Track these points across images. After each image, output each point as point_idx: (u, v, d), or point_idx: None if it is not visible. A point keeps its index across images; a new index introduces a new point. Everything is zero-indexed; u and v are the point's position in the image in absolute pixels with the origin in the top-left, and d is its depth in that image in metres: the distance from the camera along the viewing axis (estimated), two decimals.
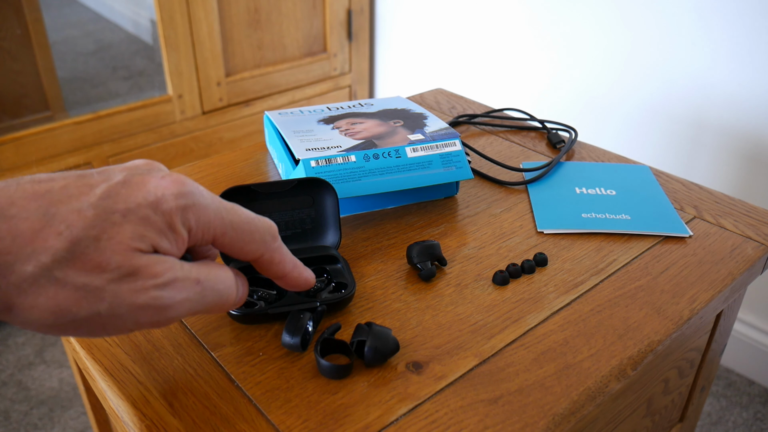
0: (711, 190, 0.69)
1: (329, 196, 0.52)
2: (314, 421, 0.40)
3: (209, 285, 0.35)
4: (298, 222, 0.52)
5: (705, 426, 1.36)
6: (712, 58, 1.31)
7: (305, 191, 0.51)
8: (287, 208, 0.51)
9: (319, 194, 0.52)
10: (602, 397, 0.43)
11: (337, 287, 0.49)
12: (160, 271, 0.32)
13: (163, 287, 0.32)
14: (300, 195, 0.51)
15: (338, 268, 0.51)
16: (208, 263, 0.36)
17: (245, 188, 0.49)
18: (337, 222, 0.53)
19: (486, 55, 1.76)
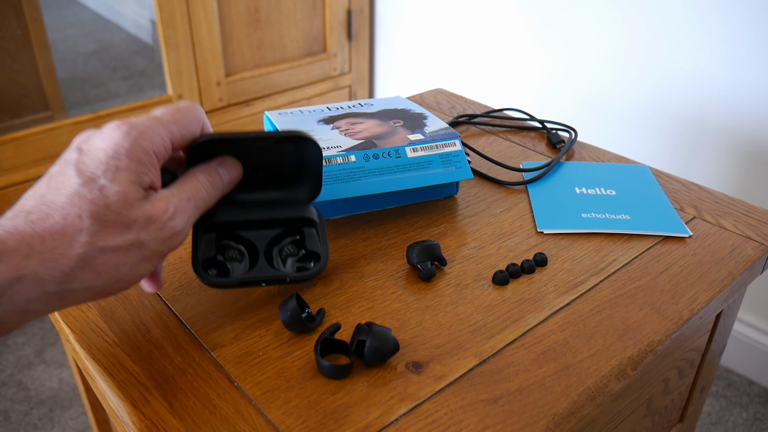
0: (711, 190, 0.69)
1: (311, 148, 0.45)
2: (314, 421, 0.40)
3: (197, 197, 0.41)
4: (275, 167, 0.47)
5: (705, 426, 1.36)
6: (712, 58, 1.31)
7: (287, 144, 0.45)
8: (266, 158, 0.46)
9: (301, 146, 0.45)
10: (602, 397, 0.43)
11: (307, 257, 0.46)
12: (165, 207, 0.38)
13: (174, 217, 0.39)
14: (281, 148, 0.46)
15: (312, 233, 0.46)
16: (187, 178, 0.42)
17: (221, 140, 0.43)
18: (318, 176, 0.47)
19: (486, 55, 1.76)
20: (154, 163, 0.39)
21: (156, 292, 0.50)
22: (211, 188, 0.42)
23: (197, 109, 0.42)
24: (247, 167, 0.45)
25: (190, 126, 0.41)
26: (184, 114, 0.41)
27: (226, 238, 0.45)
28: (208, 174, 0.43)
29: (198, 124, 0.42)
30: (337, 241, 0.58)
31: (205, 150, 0.43)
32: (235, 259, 0.45)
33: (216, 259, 0.45)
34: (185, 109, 0.41)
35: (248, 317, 0.48)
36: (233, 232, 0.45)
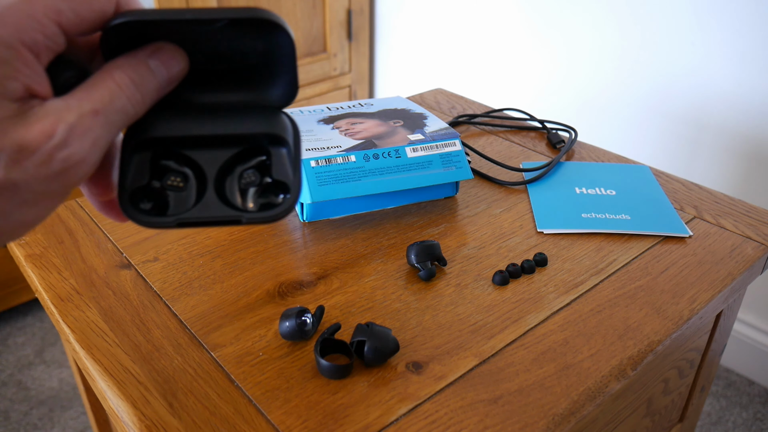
0: (711, 190, 0.69)
1: (278, 35, 0.31)
2: (314, 421, 0.40)
3: (111, 107, 0.28)
4: (236, 59, 0.33)
5: (705, 426, 1.36)
6: (712, 58, 1.31)
7: (244, 28, 0.31)
8: (221, 47, 0.33)
9: (265, 32, 0.32)
10: (602, 397, 0.43)
11: (274, 187, 0.33)
12: (49, 128, 0.26)
13: (67, 143, 0.26)
14: (239, 33, 0.32)
15: (281, 155, 0.33)
16: (97, 78, 0.29)
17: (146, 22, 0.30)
18: (292, 72, 0.33)
19: (486, 55, 1.76)
20: (28, 59, 0.26)
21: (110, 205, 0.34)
22: (135, 91, 0.29)
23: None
24: (196, 59, 0.33)
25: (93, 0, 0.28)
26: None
27: (165, 157, 0.33)
28: (133, 70, 0.29)
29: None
30: (337, 241, 0.58)
31: (130, 37, 0.30)
32: (176, 188, 0.32)
33: (150, 187, 0.32)
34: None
35: (248, 317, 0.48)
36: (175, 149, 0.33)
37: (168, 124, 0.33)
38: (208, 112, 0.33)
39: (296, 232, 0.60)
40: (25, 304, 1.67)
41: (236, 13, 0.30)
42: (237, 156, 0.33)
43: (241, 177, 0.33)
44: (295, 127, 0.34)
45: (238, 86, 0.34)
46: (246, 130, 0.33)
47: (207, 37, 0.31)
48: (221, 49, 0.32)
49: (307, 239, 0.59)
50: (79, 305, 0.50)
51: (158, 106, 0.32)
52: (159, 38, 0.31)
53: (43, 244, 0.58)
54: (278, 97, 0.34)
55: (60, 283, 0.53)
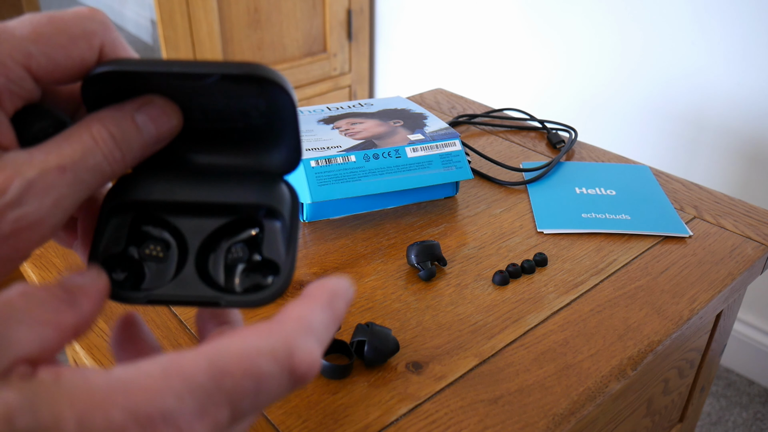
0: (711, 190, 0.69)
1: (277, 94, 0.27)
2: (314, 421, 0.40)
3: (81, 163, 0.24)
4: (235, 117, 0.29)
5: (705, 426, 1.36)
6: (712, 57, 1.31)
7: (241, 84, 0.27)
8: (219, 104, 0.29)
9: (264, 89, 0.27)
10: (602, 397, 0.43)
11: (264, 266, 0.28)
12: (1, 182, 0.22)
13: (22, 200, 0.23)
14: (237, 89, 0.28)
15: (274, 231, 0.29)
16: (73, 131, 0.25)
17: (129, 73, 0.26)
18: (295, 135, 0.29)
19: (486, 55, 1.76)
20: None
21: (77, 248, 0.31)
22: (114, 148, 0.25)
23: (91, 18, 0.25)
24: (191, 115, 0.29)
25: (70, 46, 0.24)
26: (59, 26, 0.24)
27: (146, 222, 0.29)
28: (115, 124, 0.25)
29: (88, 42, 0.25)
30: (337, 241, 0.58)
31: (116, 88, 0.27)
32: (154, 258, 0.29)
33: (126, 256, 0.28)
34: (64, 18, 0.25)
35: (248, 317, 0.48)
36: (158, 214, 0.29)
37: (153, 186, 0.29)
38: (200, 175, 0.29)
39: None
40: None
41: (230, 68, 0.26)
42: (225, 227, 0.29)
43: (229, 252, 0.29)
44: (294, 200, 0.29)
45: (235, 148, 0.30)
46: (238, 199, 0.29)
47: (202, 92, 0.27)
48: (218, 107, 0.29)
49: (307, 239, 0.59)
50: None
51: (146, 164, 0.29)
52: (148, 90, 0.27)
53: None
54: (279, 164, 0.30)
55: None
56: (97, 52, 0.25)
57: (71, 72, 0.25)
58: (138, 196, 0.28)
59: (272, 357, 0.22)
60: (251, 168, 0.30)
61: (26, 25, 0.24)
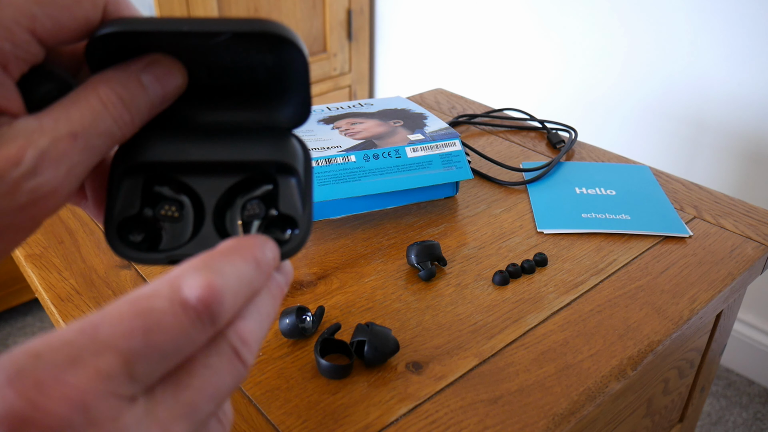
0: (711, 190, 0.69)
1: (289, 50, 0.27)
2: (314, 421, 0.40)
3: (92, 129, 0.24)
4: (242, 74, 0.29)
5: (705, 426, 1.36)
6: (712, 58, 1.31)
7: (251, 41, 0.27)
8: (225, 61, 0.28)
9: (275, 46, 0.27)
10: (602, 397, 0.43)
11: (280, 221, 0.28)
12: (17, 153, 0.22)
13: (37, 170, 0.22)
14: (246, 46, 0.27)
15: (289, 186, 0.29)
16: (79, 94, 0.24)
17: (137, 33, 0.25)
18: (305, 89, 0.29)
19: (486, 55, 1.76)
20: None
21: None
22: (123, 110, 0.25)
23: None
24: (197, 74, 0.28)
25: (74, 6, 0.24)
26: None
27: (159, 183, 0.29)
28: (122, 85, 0.25)
29: (92, 1, 0.25)
30: (337, 241, 0.58)
31: (120, 48, 0.26)
32: (170, 218, 0.28)
33: (142, 217, 0.28)
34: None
35: None
36: (171, 175, 0.29)
37: (163, 147, 0.28)
38: (209, 134, 0.29)
39: None
40: (25, 304, 1.67)
41: (241, 25, 0.26)
42: (240, 185, 0.29)
43: (244, 209, 0.29)
44: (306, 154, 0.29)
45: (244, 105, 0.30)
46: (251, 156, 0.28)
47: (209, 50, 0.27)
48: (225, 64, 0.28)
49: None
50: (79, 305, 0.50)
51: (153, 125, 0.28)
52: (153, 50, 0.27)
53: (43, 244, 0.58)
54: (288, 118, 0.30)
55: (60, 283, 0.53)
56: (101, 11, 0.25)
57: (76, 32, 0.24)
58: (149, 158, 0.28)
59: (154, 294, 0.20)
60: (260, 123, 0.29)
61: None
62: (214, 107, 0.29)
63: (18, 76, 0.24)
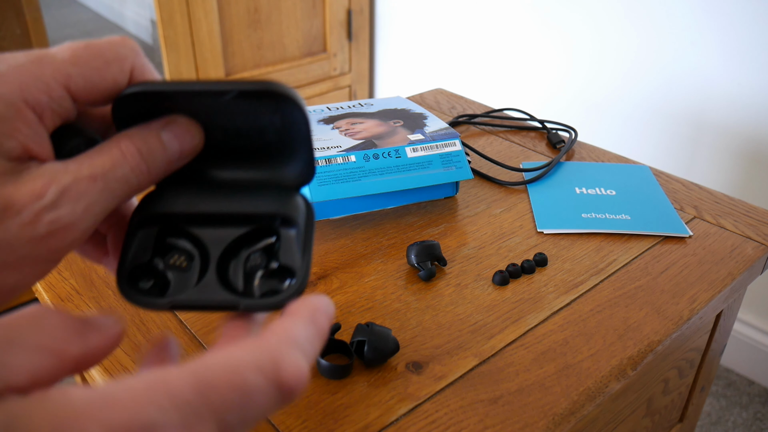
0: (711, 190, 0.69)
1: (291, 108, 0.30)
2: (314, 421, 0.40)
3: (111, 174, 0.27)
4: (253, 134, 0.32)
5: (705, 426, 1.36)
6: (712, 58, 1.31)
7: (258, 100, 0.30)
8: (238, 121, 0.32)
9: (279, 105, 0.30)
10: (602, 397, 0.43)
11: (280, 271, 0.31)
12: (40, 188, 0.25)
13: (56, 205, 0.25)
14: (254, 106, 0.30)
15: (290, 238, 0.31)
16: (104, 146, 0.27)
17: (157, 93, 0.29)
18: (308, 149, 0.31)
19: (486, 55, 1.76)
20: (29, 119, 0.26)
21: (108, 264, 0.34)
22: (141, 161, 0.28)
23: (123, 45, 0.28)
24: (213, 133, 0.32)
25: (105, 69, 0.27)
26: (96, 51, 0.27)
27: (171, 234, 0.31)
28: (142, 140, 0.28)
29: (120, 66, 0.28)
30: (337, 241, 0.58)
31: (143, 108, 0.29)
32: (178, 268, 0.31)
33: (152, 266, 0.31)
34: (100, 45, 0.28)
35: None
36: (183, 227, 0.32)
37: (177, 199, 0.31)
38: (220, 188, 0.32)
39: None
40: (25, 304, 1.67)
41: (246, 85, 0.28)
42: (244, 237, 0.31)
43: (247, 259, 0.31)
44: (309, 209, 0.32)
45: (254, 163, 0.33)
46: (256, 209, 0.31)
47: (221, 109, 0.30)
48: (237, 124, 0.31)
49: None
50: (79, 305, 0.50)
51: (171, 179, 0.31)
52: (173, 110, 0.30)
53: None
54: (294, 177, 0.32)
55: (60, 283, 0.53)
56: (128, 75, 0.28)
57: (105, 93, 0.28)
58: (163, 209, 0.31)
59: (258, 369, 0.22)
60: (268, 181, 0.32)
61: (66, 50, 0.27)
62: (229, 165, 0.33)
63: (52, 127, 0.27)
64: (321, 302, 0.27)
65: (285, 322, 0.25)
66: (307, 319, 0.25)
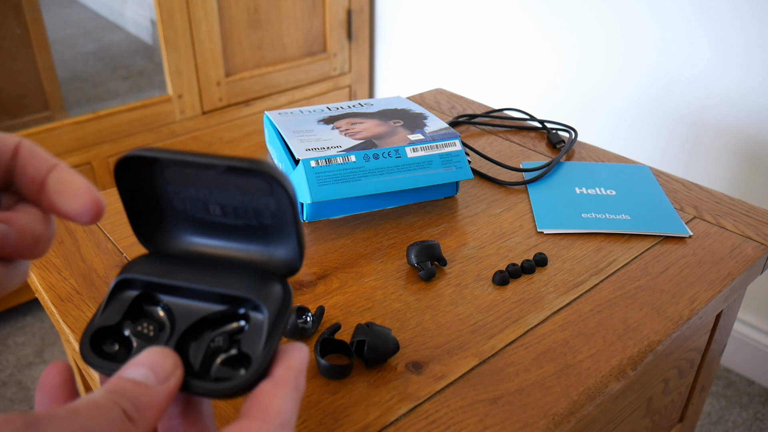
0: (711, 190, 0.69)
1: (276, 189, 0.29)
2: (314, 421, 0.40)
3: None
4: (244, 213, 0.32)
5: (705, 426, 1.36)
6: (712, 58, 1.31)
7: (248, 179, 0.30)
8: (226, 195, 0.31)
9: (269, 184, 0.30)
10: (602, 397, 0.43)
11: (240, 358, 0.29)
12: None
13: None
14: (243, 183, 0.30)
15: (257, 326, 0.29)
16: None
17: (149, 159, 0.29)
18: (296, 232, 0.30)
19: (486, 55, 1.76)
20: None
21: None
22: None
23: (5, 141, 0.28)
24: (208, 206, 0.32)
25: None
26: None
27: (148, 300, 0.31)
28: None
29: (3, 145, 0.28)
30: (337, 241, 0.58)
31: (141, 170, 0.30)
32: (145, 336, 0.30)
33: (119, 330, 0.30)
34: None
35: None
36: (157, 294, 0.31)
37: (161, 267, 0.31)
38: (207, 263, 0.32)
39: None
40: (25, 304, 1.67)
41: (236, 162, 0.28)
42: (215, 316, 0.30)
43: (212, 341, 0.30)
44: (286, 298, 0.31)
45: (245, 243, 0.32)
46: (229, 290, 0.30)
47: (214, 183, 0.30)
48: (230, 200, 0.31)
49: (307, 239, 0.59)
50: (79, 305, 0.50)
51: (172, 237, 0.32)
52: (169, 176, 0.30)
53: None
54: (280, 264, 0.32)
55: (60, 283, 0.53)
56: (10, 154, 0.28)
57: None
58: (142, 275, 0.31)
59: None
60: (255, 264, 0.32)
61: None
62: (220, 240, 0.33)
63: None
64: (301, 362, 0.28)
65: (278, 401, 0.26)
66: (292, 387, 0.27)
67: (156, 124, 1.67)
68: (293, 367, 0.27)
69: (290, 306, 0.31)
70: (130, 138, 1.65)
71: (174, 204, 0.32)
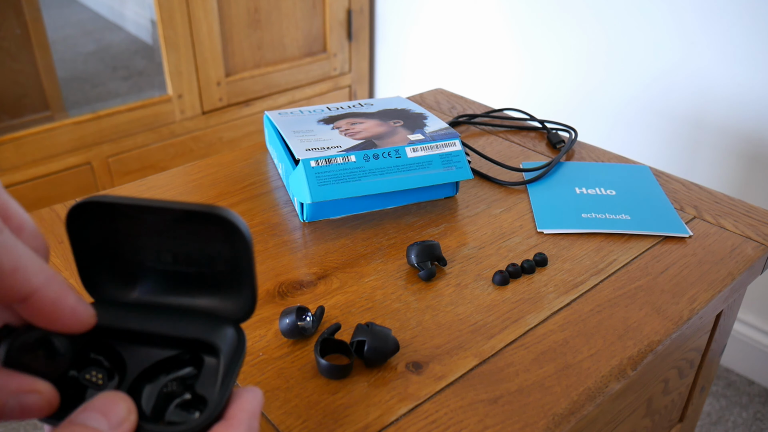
0: (711, 190, 0.69)
1: (232, 235, 0.29)
2: (314, 421, 0.40)
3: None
4: (199, 260, 0.31)
5: (705, 426, 1.36)
6: (712, 57, 1.31)
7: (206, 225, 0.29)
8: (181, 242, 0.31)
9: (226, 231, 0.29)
10: (602, 397, 0.43)
11: (193, 402, 0.29)
12: None
13: None
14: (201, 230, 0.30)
15: (211, 368, 0.29)
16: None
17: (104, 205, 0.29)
18: (250, 279, 0.30)
19: (486, 55, 1.76)
20: None
21: None
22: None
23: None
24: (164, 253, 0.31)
25: None
26: None
27: (101, 350, 0.30)
28: None
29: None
30: (337, 241, 0.58)
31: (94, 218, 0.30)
32: (94, 384, 0.29)
33: (67, 376, 0.29)
34: None
35: None
36: (109, 341, 0.30)
37: (111, 312, 0.31)
38: (159, 309, 0.31)
39: (296, 232, 0.60)
40: None
41: (193, 206, 0.28)
42: (167, 361, 0.30)
43: (165, 386, 0.30)
44: (239, 341, 0.31)
45: (199, 290, 0.32)
46: (182, 333, 0.30)
47: (170, 229, 0.30)
48: (185, 247, 0.31)
49: (307, 239, 0.59)
50: None
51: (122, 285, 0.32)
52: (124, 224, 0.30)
53: None
54: (233, 311, 0.32)
55: None
56: None
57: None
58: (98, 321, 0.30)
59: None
60: (208, 310, 0.32)
61: None
62: (174, 287, 0.32)
63: None
64: (256, 404, 0.28)
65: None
66: (246, 429, 0.26)
67: (156, 124, 1.67)
68: (247, 409, 0.27)
69: (244, 349, 0.31)
70: (130, 138, 1.65)
71: (125, 252, 0.31)
